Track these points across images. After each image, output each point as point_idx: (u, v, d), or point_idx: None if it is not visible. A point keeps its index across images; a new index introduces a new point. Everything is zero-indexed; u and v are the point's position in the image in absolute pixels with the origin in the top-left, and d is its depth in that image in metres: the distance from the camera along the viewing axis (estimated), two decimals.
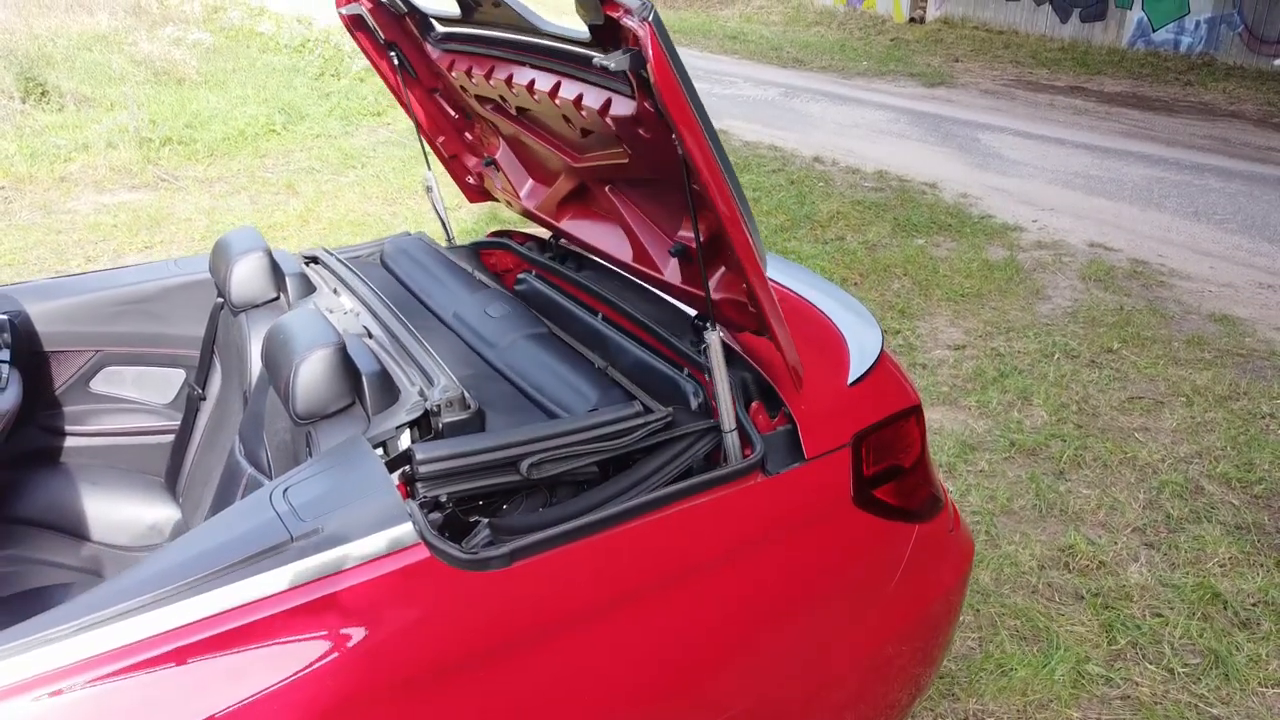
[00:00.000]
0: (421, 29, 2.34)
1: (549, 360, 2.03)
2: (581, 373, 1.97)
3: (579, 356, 2.09)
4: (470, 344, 2.18)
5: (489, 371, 2.06)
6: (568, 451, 1.64)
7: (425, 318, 2.31)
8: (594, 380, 1.94)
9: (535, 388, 1.98)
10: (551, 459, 1.63)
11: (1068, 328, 4.98)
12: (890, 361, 2.12)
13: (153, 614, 1.26)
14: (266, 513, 1.42)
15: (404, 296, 2.43)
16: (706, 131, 1.47)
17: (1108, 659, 2.77)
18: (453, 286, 2.40)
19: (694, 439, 1.76)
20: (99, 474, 2.52)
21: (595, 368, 2.05)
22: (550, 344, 2.13)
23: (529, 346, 2.10)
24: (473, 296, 2.32)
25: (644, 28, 1.37)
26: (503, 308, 2.26)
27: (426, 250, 2.62)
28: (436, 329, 2.25)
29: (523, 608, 1.47)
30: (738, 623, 1.70)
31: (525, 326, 2.19)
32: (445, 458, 1.54)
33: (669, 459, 1.73)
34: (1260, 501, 3.51)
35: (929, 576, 2.00)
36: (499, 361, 2.09)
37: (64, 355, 2.48)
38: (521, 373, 2.03)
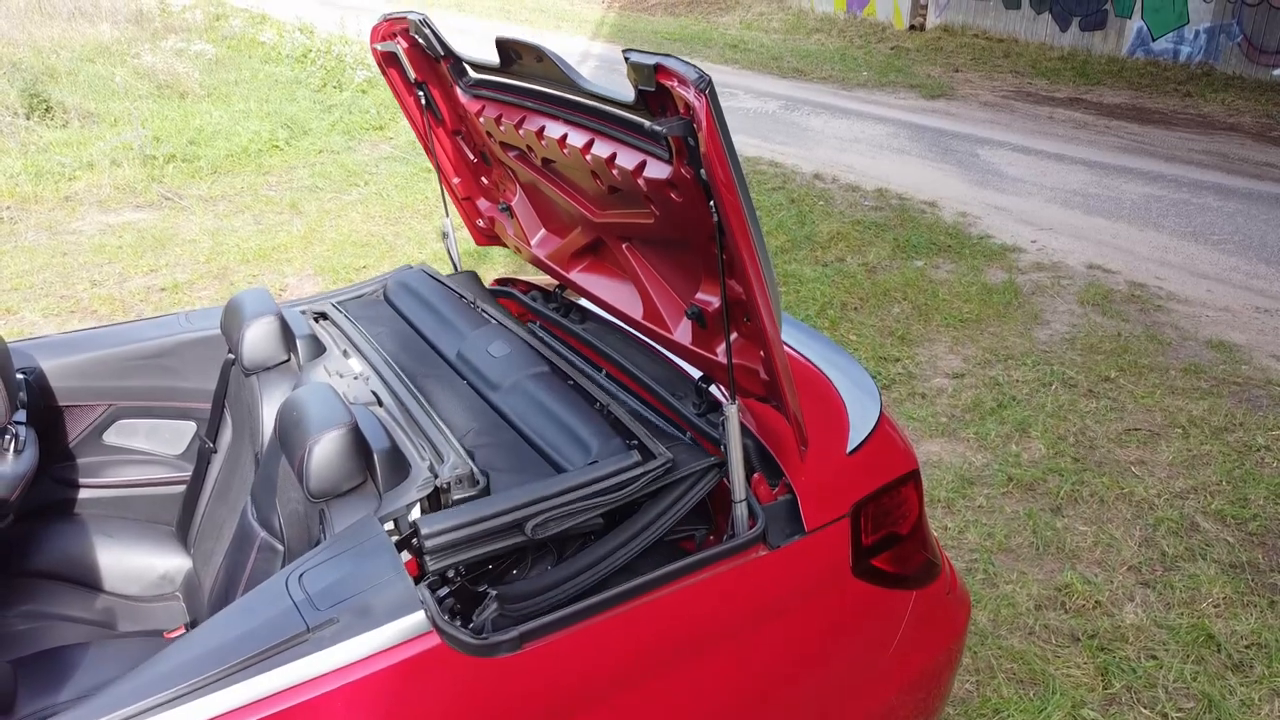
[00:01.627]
0: (454, 73, 2.38)
1: (550, 404, 2.07)
2: (581, 417, 2.01)
3: (579, 397, 2.12)
4: (475, 386, 2.22)
5: (494, 420, 2.10)
6: (570, 509, 1.68)
7: (431, 363, 2.34)
8: (593, 426, 1.97)
9: (538, 434, 2.02)
10: (554, 518, 1.67)
11: (1066, 355, 5.03)
12: (889, 424, 2.16)
13: (174, 711, 1.31)
14: (283, 602, 1.47)
15: (409, 338, 2.47)
16: (745, 200, 1.51)
17: (1103, 703, 2.82)
18: (456, 323, 2.44)
19: (695, 479, 1.82)
20: (111, 525, 2.56)
21: (596, 408, 2.08)
22: (551, 385, 2.16)
23: (531, 388, 2.13)
24: (475, 333, 2.36)
25: (699, 99, 1.41)
26: (504, 346, 2.30)
27: (428, 284, 2.66)
28: (442, 374, 2.28)
29: (534, 691, 1.52)
30: (743, 694, 1.74)
31: (527, 366, 2.23)
32: (451, 529, 1.58)
33: (673, 501, 1.78)
34: (1255, 539, 3.55)
35: (927, 639, 2.04)
36: (503, 405, 2.12)
37: (78, 409, 2.52)
38: (523, 418, 2.07)
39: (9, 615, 2.29)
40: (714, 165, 1.45)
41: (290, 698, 1.36)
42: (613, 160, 1.83)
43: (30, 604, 2.34)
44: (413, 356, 2.34)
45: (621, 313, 2.27)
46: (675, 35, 16.75)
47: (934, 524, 3.61)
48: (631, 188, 1.84)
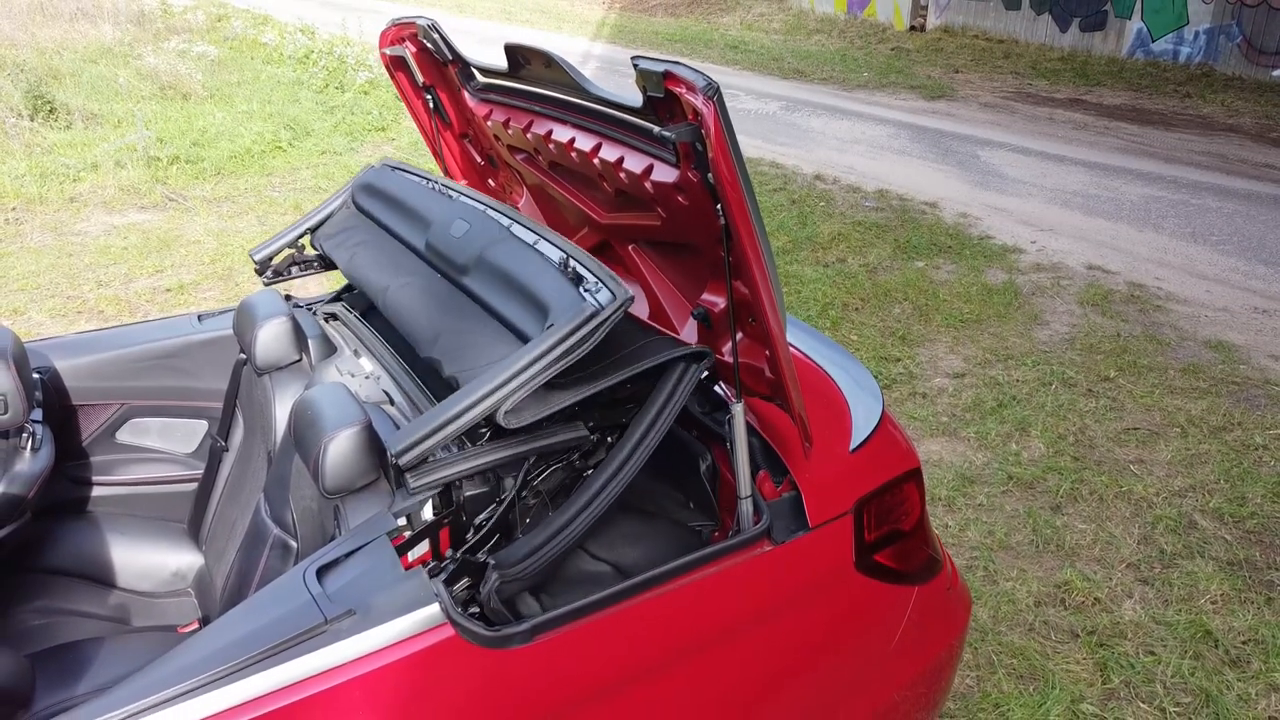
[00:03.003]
0: (462, 77, 2.42)
1: (513, 274, 1.92)
2: (542, 279, 1.85)
3: (540, 257, 1.92)
4: (447, 275, 2.10)
5: (471, 309, 1.97)
6: (535, 383, 1.56)
7: (407, 268, 2.20)
8: (552, 285, 1.81)
9: (508, 312, 1.90)
10: (523, 399, 1.57)
11: (1065, 355, 5.07)
12: (891, 423, 2.19)
13: (195, 701, 1.34)
14: (302, 595, 1.51)
15: (383, 245, 2.36)
16: (751, 204, 1.54)
17: (1102, 698, 2.86)
18: (421, 213, 2.30)
19: (677, 377, 1.73)
20: (124, 523, 2.60)
21: (557, 264, 1.87)
22: (511, 252, 1.97)
23: (493, 261, 1.98)
24: (438, 219, 2.20)
25: (708, 106, 1.45)
26: (463, 224, 2.13)
27: (392, 178, 2.52)
28: (416, 276, 2.15)
29: (546, 682, 1.55)
30: (748, 686, 1.78)
31: (485, 238, 2.05)
32: (419, 440, 1.51)
33: (657, 412, 1.71)
34: (1252, 537, 3.59)
35: (929, 634, 2.08)
36: (474, 288, 2.00)
37: (92, 408, 2.56)
38: (492, 297, 1.96)
39: (25, 611, 2.33)
40: (721, 170, 1.49)
41: (309, 687, 1.40)
42: (620, 164, 1.87)
43: (46, 600, 2.38)
44: (389, 266, 2.23)
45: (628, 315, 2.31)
46: (675, 36, 16.79)
47: (935, 522, 3.65)
48: (638, 191, 1.88)
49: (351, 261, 2.38)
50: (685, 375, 1.74)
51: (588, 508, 1.62)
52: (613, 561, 1.93)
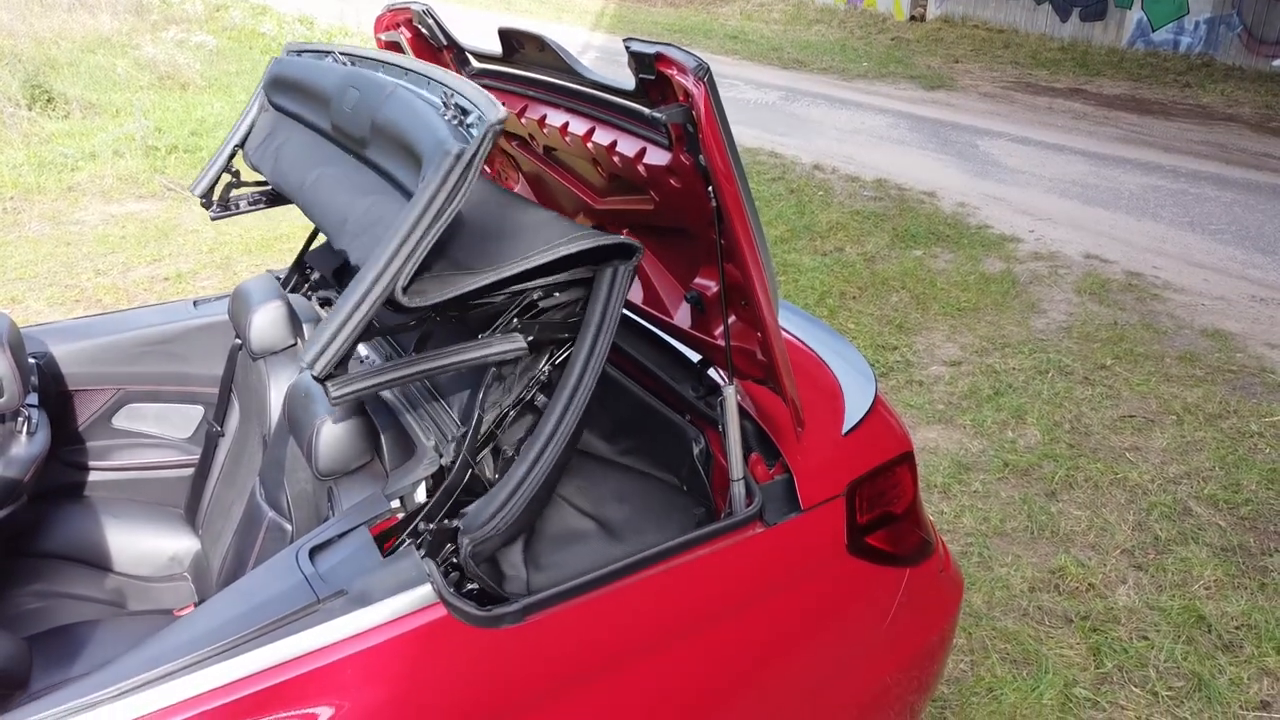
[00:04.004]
0: (457, 62, 2.42)
1: (398, 130, 1.72)
2: (420, 129, 1.65)
3: (424, 104, 1.71)
4: (352, 152, 1.95)
5: (372, 182, 1.81)
6: (421, 249, 1.40)
7: (321, 158, 2.02)
8: (425, 132, 1.61)
9: (400, 175, 1.74)
10: (427, 282, 1.45)
11: (1062, 344, 5.07)
12: (884, 407, 2.20)
13: (188, 679, 1.35)
14: (294, 575, 1.51)
15: (300, 143, 2.18)
16: (742, 187, 1.55)
17: (1095, 682, 2.87)
18: (322, 93, 2.10)
19: (612, 272, 1.61)
20: (121, 507, 2.61)
21: (439, 105, 1.67)
22: (394, 104, 1.77)
23: (382, 125, 1.80)
24: (335, 94, 2.00)
25: (698, 87, 1.45)
26: (354, 92, 1.94)
27: (296, 65, 2.33)
28: (332, 166, 1.97)
29: (538, 662, 1.56)
30: (739, 667, 1.79)
31: (372, 100, 1.86)
32: (327, 343, 1.37)
33: (604, 303, 1.60)
34: (1246, 523, 3.60)
35: (921, 617, 2.09)
36: (374, 158, 1.84)
37: (87, 393, 2.57)
38: (388, 163, 1.80)
39: (22, 594, 2.34)
40: (712, 151, 1.50)
41: (301, 666, 1.41)
42: (613, 148, 1.87)
43: (43, 583, 2.39)
44: (305, 162, 2.06)
45: None
46: (675, 26, 16.76)
47: (931, 509, 3.66)
48: (632, 175, 1.88)
49: (275, 169, 2.19)
50: (617, 275, 1.61)
51: (547, 447, 1.55)
52: (599, 518, 1.90)
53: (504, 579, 1.61)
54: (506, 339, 1.57)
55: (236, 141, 2.41)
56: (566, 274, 1.60)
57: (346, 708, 1.41)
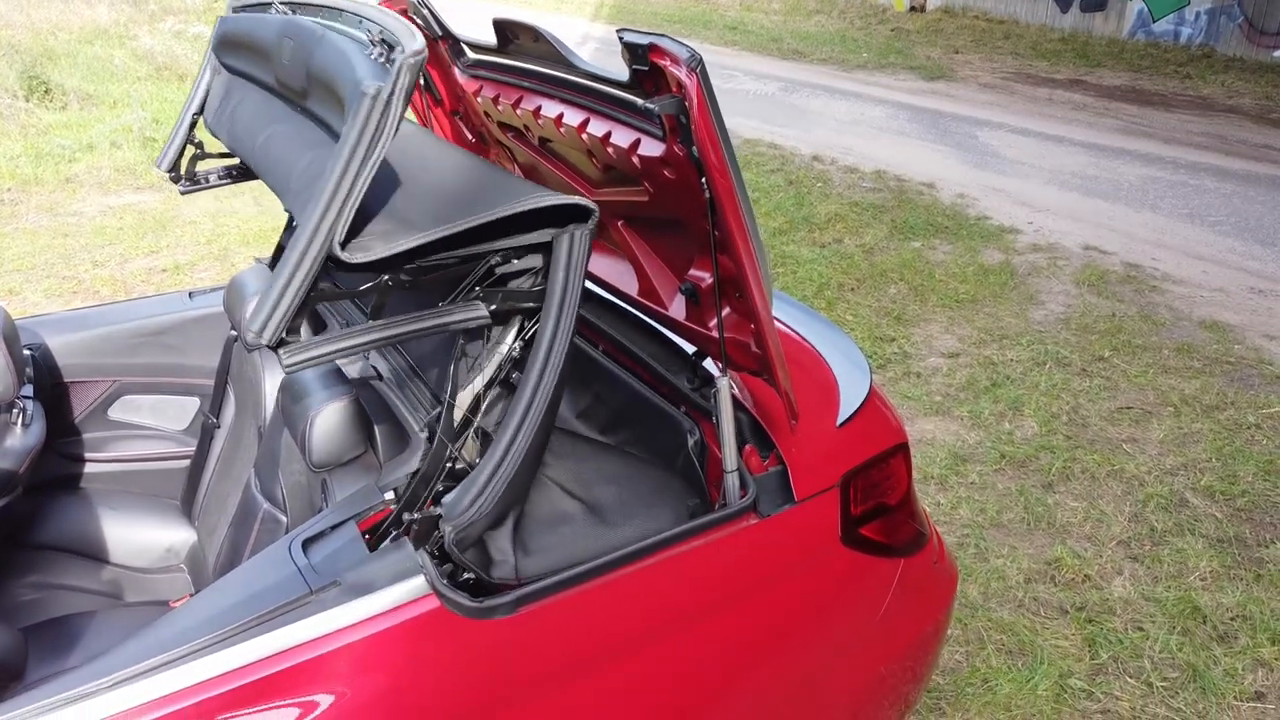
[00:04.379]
0: (452, 54, 2.41)
1: (330, 75, 1.65)
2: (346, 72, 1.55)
3: (352, 43, 1.62)
4: (296, 105, 1.88)
5: (313, 134, 1.73)
6: (352, 200, 1.33)
7: (270, 115, 1.94)
8: (348, 74, 1.53)
9: (336, 123, 1.61)
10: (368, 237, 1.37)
11: (1060, 335, 5.07)
12: (879, 398, 2.20)
13: (182, 669, 1.36)
14: (287, 567, 1.52)
15: (251, 101, 2.08)
16: (735, 178, 1.54)
17: (1090, 673, 2.88)
18: (265, 47, 2.01)
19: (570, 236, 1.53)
20: (117, 499, 2.61)
21: (366, 43, 1.57)
22: (325, 49, 1.71)
23: (316, 73, 1.73)
24: (274, 47, 1.92)
25: (690, 78, 1.45)
26: (289, 41, 1.87)
27: (241, 21, 2.21)
28: (278, 123, 1.88)
29: (531, 653, 1.56)
30: (734, 658, 1.79)
31: (306, 47, 1.80)
32: (271, 308, 1.30)
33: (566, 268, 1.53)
34: (1242, 514, 3.61)
35: (915, 608, 2.09)
36: (314, 108, 1.77)
37: (83, 385, 2.57)
38: (325, 112, 1.70)
39: (18, 585, 2.35)
40: (705, 142, 1.49)
41: (293, 657, 1.41)
42: (608, 139, 1.87)
43: (39, 575, 2.40)
44: (256, 122, 1.97)
45: (618, 289, 2.31)
46: (674, 17, 16.72)
47: (927, 500, 3.66)
48: (626, 166, 1.88)
49: (232, 134, 2.08)
50: (575, 240, 1.55)
51: (521, 426, 1.51)
52: (589, 501, 1.87)
53: (492, 564, 1.60)
54: (467, 307, 1.52)
55: (194, 110, 2.31)
56: (522, 237, 1.53)
57: (339, 699, 1.41)
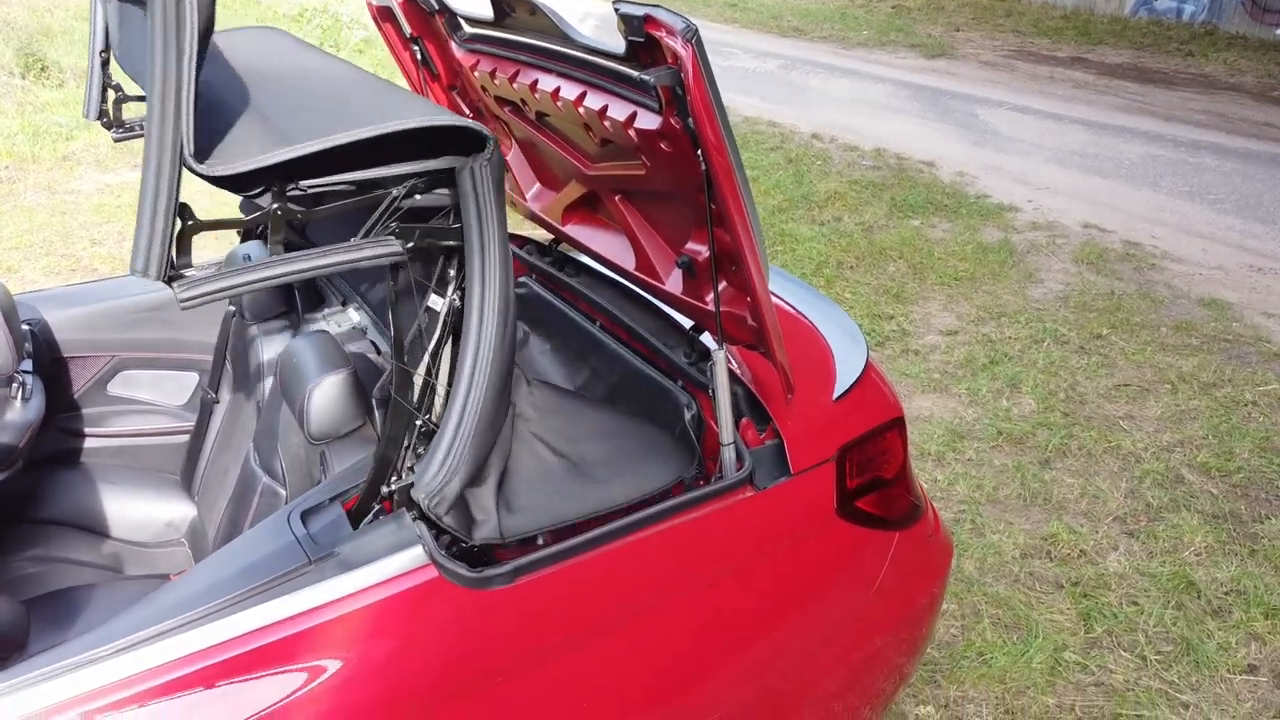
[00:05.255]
0: (449, 27, 2.40)
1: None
2: None
3: None
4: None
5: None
6: (185, 104, 1.22)
7: None
8: None
9: None
10: (227, 150, 1.28)
11: (1059, 313, 5.07)
12: (875, 372, 2.21)
13: (180, 638, 1.37)
14: (285, 537, 1.53)
15: None
16: (732, 151, 1.54)
17: (1084, 647, 2.90)
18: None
19: (472, 168, 1.44)
20: (117, 474, 2.62)
21: None
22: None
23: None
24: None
25: (686, 48, 1.44)
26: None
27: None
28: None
29: (528, 623, 1.58)
30: (730, 629, 1.81)
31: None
32: (149, 243, 1.20)
33: (475, 201, 1.45)
34: (1238, 490, 3.62)
35: (910, 580, 2.11)
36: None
37: (82, 360, 2.57)
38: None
39: (19, 559, 2.36)
40: (701, 115, 1.49)
41: (292, 626, 1.42)
42: (604, 112, 1.86)
43: (40, 549, 2.41)
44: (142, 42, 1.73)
45: (615, 264, 2.31)
46: None
47: (924, 477, 3.68)
48: (623, 139, 1.87)
49: (133, 67, 1.89)
50: (476, 173, 1.44)
51: (472, 381, 1.47)
52: (576, 458, 1.82)
53: (475, 524, 1.57)
54: (380, 242, 1.42)
55: (99, 47, 2.14)
56: (413, 164, 1.43)
57: (337, 668, 1.43)
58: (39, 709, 1.28)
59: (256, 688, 1.37)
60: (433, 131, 1.37)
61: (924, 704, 2.71)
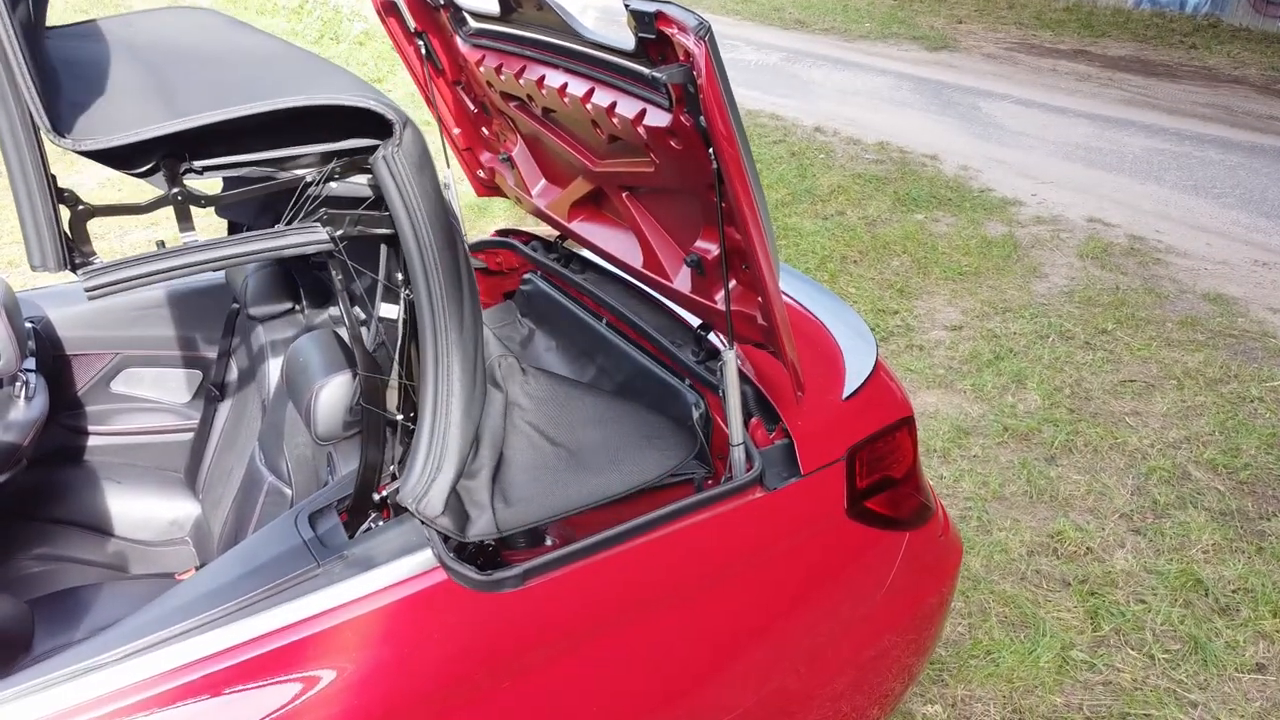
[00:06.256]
0: (454, 22, 2.38)
1: None
2: None
3: None
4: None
5: None
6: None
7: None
8: None
9: None
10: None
11: (1063, 308, 5.05)
12: (884, 371, 2.19)
13: (189, 642, 1.36)
14: (293, 540, 1.52)
15: None
16: (744, 149, 1.52)
17: (1091, 645, 2.89)
18: None
19: (385, 155, 1.36)
20: (121, 472, 2.61)
21: None
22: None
23: None
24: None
25: (699, 46, 1.42)
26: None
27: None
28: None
29: (538, 625, 1.57)
30: (739, 630, 1.80)
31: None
32: (38, 232, 1.19)
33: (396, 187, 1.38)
34: (1245, 487, 3.61)
35: (919, 580, 2.10)
36: None
37: (85, 358, 2.56)
38: None
39: (26, 558, 2.35)
40: (713, 112, 1.47)
41: (302, 630, 1.41)
42: (613, 109, 1.85)
43: (45, 547, 2.40)
44: None
45: (622, 262, 2.29)
46: None
47: (930, 473, 3.67)
48: (631, 136, 1.86)
49: None
50: (390, 161, 1.36)
51: (436, 373, 1.43)
52: (570, 445, 1.79)
53: (469, 521, 1.55)
54: (304, 230, 1.36)
55: None
56: (321, 146, 1.37)
57: (347, 672, 1.41)
58: (48, 714, 1.27)
59: (263, 693, 1.36)
60: (343, 112, 1.30)
61: (931, 703, 2.71)
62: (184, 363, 2.67)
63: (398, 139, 1.35)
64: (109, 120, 1.20)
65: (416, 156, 1.37)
